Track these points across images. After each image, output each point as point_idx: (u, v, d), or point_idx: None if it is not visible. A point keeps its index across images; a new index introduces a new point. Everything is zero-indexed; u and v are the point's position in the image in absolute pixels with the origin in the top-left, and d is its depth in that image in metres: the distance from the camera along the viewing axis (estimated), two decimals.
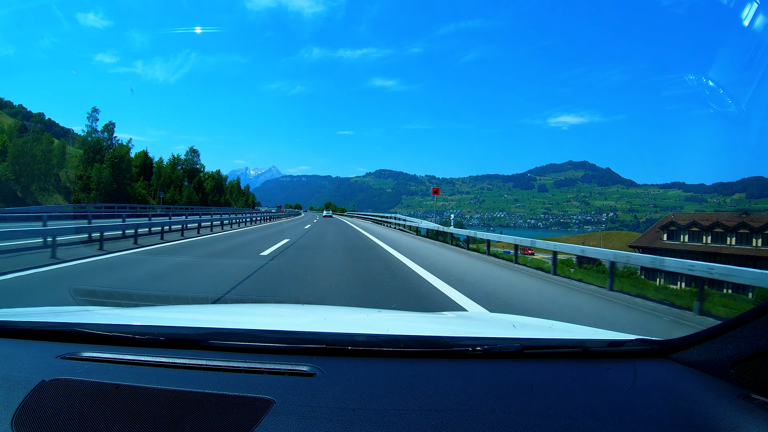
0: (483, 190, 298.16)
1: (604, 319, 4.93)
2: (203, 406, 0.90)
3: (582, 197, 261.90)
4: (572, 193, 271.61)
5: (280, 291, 5.45)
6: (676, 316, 5.15)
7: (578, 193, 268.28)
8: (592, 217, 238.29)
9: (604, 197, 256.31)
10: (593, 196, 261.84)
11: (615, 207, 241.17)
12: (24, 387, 0.95)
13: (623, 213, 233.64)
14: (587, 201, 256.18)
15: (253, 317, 1.86)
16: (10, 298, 5.08)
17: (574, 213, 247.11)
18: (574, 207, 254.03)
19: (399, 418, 0.87)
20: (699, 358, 1.09)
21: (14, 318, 1.47)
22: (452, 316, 2.18)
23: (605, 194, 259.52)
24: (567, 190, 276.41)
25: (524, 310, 4.82)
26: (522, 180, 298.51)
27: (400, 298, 5.16)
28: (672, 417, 0.90)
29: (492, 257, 11.03)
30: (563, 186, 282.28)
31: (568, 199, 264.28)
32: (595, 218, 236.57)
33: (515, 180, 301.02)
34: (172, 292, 5.17)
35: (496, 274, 7.93)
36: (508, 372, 1.12)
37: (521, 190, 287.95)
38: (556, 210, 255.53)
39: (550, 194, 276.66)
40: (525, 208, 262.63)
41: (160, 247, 10.75)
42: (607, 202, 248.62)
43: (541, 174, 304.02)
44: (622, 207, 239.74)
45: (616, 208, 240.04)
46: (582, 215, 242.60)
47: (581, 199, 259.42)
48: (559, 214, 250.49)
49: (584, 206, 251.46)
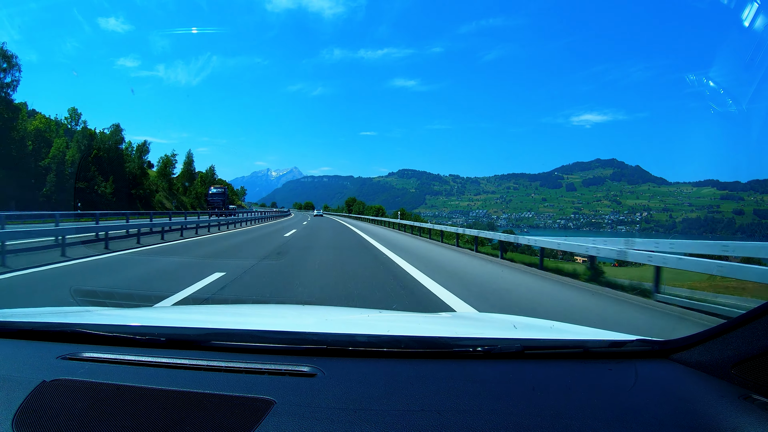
0: (509, 189, 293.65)
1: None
2: (204, 407, 0.90)
3: (613, 196, 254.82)
4: (602, 191, 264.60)
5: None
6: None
7: (608, 192, 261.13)
8: (625, 217, 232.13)
9: (636, 196, 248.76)
10: (624, 195, 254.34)
11: (648, 206, 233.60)
12: (25, 387, 0.95)
13: (657, 213, 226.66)
14: (618, 200, 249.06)
15: (253, 317, 1.83)
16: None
17: (605, 213, 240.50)
18: (605, 206, 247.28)
19: (400, 418, 0.86)
20: (700, 358, 1.09)
21: (15, 318, 1.46)
22: (453, 316, 2.10)
23: (636, 193, 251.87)
24: (596, 189, 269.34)
25: None
26: (549, 179, 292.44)
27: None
28: (673, 417, 0.89)
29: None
30: (592, 185, 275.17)
31: (598, 198, 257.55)
32: (629, 218, 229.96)
33: (542, 179, 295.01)
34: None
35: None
36: (509, 372, 1.11)
37: (549, 189, 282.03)
38: (586, 209, 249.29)
39: (579, 193, 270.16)
40: (554, 208, 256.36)
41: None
42: (639, 201, 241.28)
43: (568, 172, 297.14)
44: (656, 206, 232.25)
45: (649, 207, 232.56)
46: (614, 215, 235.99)
47: (612, 198, 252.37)
48: (590, 213, 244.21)
49: (616, 206, 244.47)
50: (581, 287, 7.04)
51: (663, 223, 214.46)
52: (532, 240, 9.97)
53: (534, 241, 9.73)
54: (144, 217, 21.17)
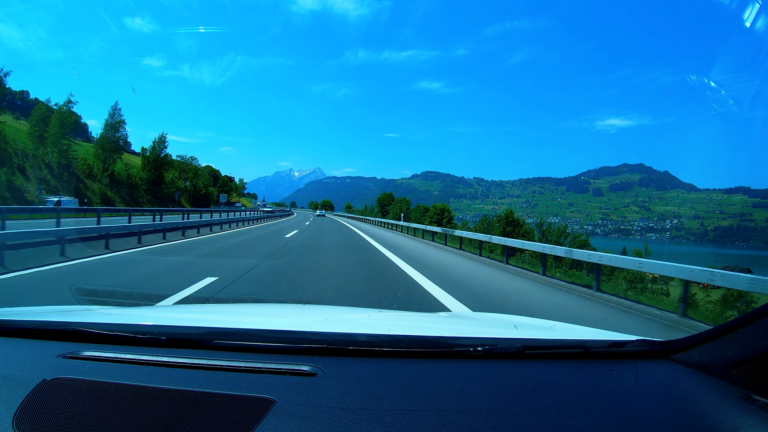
0: (534, 193, 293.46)
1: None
2: (204, 406, 0.90)
3: (641, 202, 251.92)
4: (630, 197, 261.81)
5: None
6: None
7: (636, 198, 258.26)
8: (654, 224, 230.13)
9: (665, 202, 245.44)
10: (653, 201, 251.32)
11: (678, 213, 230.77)
12: (25, 386, 0.95)
13: (688, 220, 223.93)
14: (647, 206, 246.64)
15: (254, 317, 1.86)
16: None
17: (634, 219, 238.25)
18: (634, 212, 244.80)
19: (400, 418, 0.87)
20: (700, 359, 1.09)
21: (15, 317, 1.47)
22: (453, 316, 2.15)
23: (665, 199, 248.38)
24: (624, 195, 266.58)
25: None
26: (575, 183, 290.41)
27: None
28: (673, 418, 0.89)
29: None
30: (619, 190, 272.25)
31: (626, 204, 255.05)
32: (658, 225, 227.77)
33: (568, 183, 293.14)
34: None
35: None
36: (510, 372, 1.11)
37: (575, 194, 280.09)
38: (614, 215, 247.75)
39: (607, 198, 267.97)
40: (581, 213, 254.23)
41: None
42: (669, 208, 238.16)
43: (594, 177, 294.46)
44: (686, 213, 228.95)
45: (679, 214, 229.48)
46: (643, 221, 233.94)
47: (640, 204, 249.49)
48: (618, 219, 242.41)
49: (644, 212, 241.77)
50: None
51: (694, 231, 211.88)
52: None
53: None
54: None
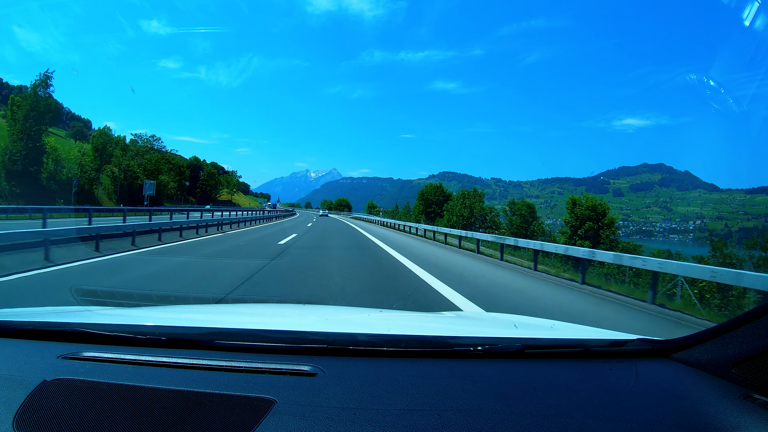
0: (553, 194, 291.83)
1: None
2: (204, 406, 0.90)
3: (662, 203, 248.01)
4: (650, 198, 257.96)
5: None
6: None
7: (657, 198, 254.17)
8: (677, 225, 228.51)
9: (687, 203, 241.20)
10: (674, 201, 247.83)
11: (701, 214, 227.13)
12: (25, 387, 0.95)
13: (711, 221, 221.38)
14: (669, 207, 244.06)
15: (254, 317, 1.87)
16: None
17: (656, 220, 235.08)
18: (655, 213, 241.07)
19: (400, 418, 0.87)
20: (700, 357, 1.09)
21: (16, 318, 1.47)
22: (453, 316, 2.26)
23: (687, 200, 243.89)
24: (644, 195, 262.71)
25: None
26: (594, 183, 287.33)
27: None
28: (673, 417, 0.89)
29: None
30: (640, 190, 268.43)
31: (647, 205, 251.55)
32: (681, 226, 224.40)
33: (587, 183, 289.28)
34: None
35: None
36: (510, 372, 1.11)
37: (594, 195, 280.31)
38: (635, 216, 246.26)
39: (627, 199, 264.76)
40: None
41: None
42: (691, 209, 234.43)
43: (614, 177, 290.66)
44: (709, 214, 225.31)
45: (702, 215, 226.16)
46: (665, 222, 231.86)
47: (662, 205, 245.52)
48: (640, 221, 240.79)
49: (666, 213, 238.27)
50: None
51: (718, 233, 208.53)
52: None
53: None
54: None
